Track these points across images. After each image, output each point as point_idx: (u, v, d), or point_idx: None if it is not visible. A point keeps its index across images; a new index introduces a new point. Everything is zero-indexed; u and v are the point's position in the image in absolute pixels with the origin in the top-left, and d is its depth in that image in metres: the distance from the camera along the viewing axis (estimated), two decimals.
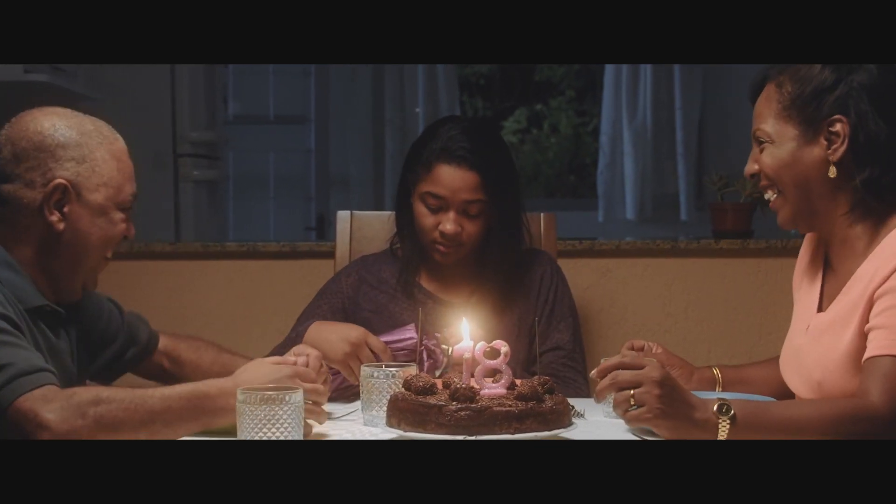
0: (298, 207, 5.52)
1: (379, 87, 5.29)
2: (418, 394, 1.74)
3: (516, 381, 1.78)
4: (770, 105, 1.86)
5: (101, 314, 2.06)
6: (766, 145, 1.87)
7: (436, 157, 2.33)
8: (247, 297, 3.21)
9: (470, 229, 2.36)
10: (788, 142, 1.84)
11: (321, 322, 2.32)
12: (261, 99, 5.50)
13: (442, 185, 2.32)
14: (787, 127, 1.84)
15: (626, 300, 3.19)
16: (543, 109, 6.13)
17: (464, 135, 2.34)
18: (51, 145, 1.84)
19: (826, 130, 1.81)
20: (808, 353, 1.88)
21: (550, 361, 2.39)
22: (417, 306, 2.33)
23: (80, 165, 1.85)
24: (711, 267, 3.19)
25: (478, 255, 2.42)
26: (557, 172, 6.18)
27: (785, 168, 1.85)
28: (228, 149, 5.01)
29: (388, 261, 2.51)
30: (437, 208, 2.34)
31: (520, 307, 2.43)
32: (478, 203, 2.34)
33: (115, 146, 1.90)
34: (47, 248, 1.86)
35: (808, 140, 1.83)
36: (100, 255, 1.91)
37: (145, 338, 2.13)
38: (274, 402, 1.65)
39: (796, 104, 1.83)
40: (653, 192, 5.30)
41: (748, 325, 3.17)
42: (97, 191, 1.86)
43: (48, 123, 1.85)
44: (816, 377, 1.84)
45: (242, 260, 3.23)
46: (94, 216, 1.87)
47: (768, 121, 1.86)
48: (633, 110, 5.28)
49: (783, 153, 1.85)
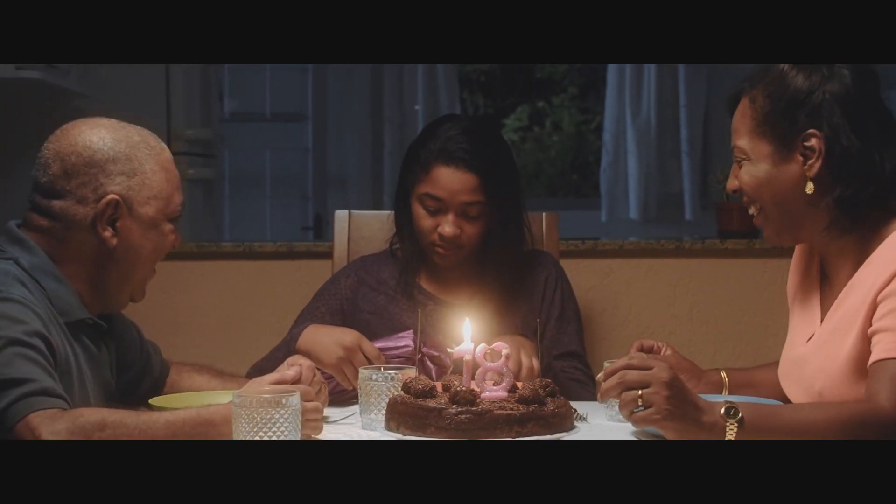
0: (295, 207, 5.51)
1: (377, 85, 5.28)
2: (418, 397, 1.74)
3: (517, 384, 1.78)
4: (745, 121, 1.85)
5: (125, 336, 2.08)
6: (743, 162, 1.86)
7: (434, 158, 2.32)
8: (243, 298, 3.21)
9: (469, 231, 2.35)
10: (764, 159, 1.83)
11: (316, 325, 2.31)
12: (257, 96, 5.49)
13: (440, 186, 2.32)
14: (762, 144, 1.83)
15: (629, 302, 3.18)
16: (545, 107, 6.13)
17: (463, 135, 2.33)
18: (101, 160, 1.84)
19: (801, 146, 1.80)
20: (809, 363, 1.87)
21: (565, 368, 2.39)
22: (418, 308, 2.33)
23: (130, 179, 1.86)
24: (717, 267, 3.19)
25: (479, 255, 2.42)
26: (559, 171, 6.17)
27: (763, 186, 1.84)
28: (224, 147, 5.01)
29: (387, 261, 2.51)
30: (436, 210, 2.34)
31: (523, 309, 2.43)
32: (477, 205, 2.33)
33: (162, 156, 1.91)
34: (99, 263, 1.88)
35: (783, 157, 1.82)
36: (150, 266, 1.94)
37: (158, 370, 2.14)
38: (270, 405, 1.65)
39: (769, 120, 1.82)
40: (657, 191, 5.29)
41: (754, 326, 3.16)
42: (148, 204, 1.88)
43: (96, 137, 1.86)
44: (818, 386, 1.84)
45: (238, 260, 3.23)
46: (145, 230, 1.89)
47: (743, 138, 1.85)
48: (637, 108, 5.27)
49: (760, 171, 1.84)
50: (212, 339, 3.18)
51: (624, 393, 1.70)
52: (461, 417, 1.67)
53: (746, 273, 3.18)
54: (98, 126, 1.88)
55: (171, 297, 3.19)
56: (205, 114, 4.32)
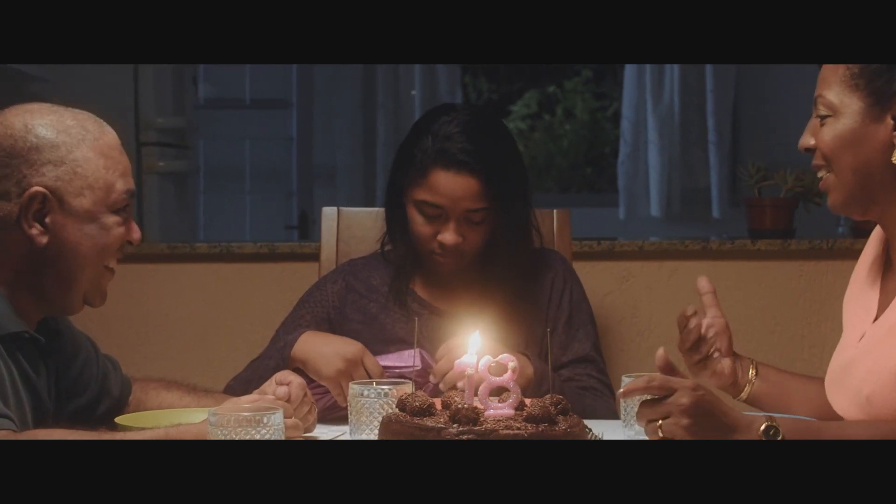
0: (278, 203, 5.52)
1: (370, 67, 5.29)
2: (414, 415, 1.74)
3: (525, 401, 1.77)
4: (838, 69, 1.82)
5: (79, 353, 2.05)
6: (827, 119, 1.83)
7: (432, 161, 2.30)
8: (219, 305, 3.21)
9: (473, 238, 2.35)
10: (852, 116, 1.80)
11: (314, 332, 2.32)
12: (236, 80, 5.50)
13: (440, 193, 2.31)
14: (853, 98, 1.80)
15: (650, 309, 3.18)
16: (557, 92, 6.14)
17: (462, 133, 2.31)
18: (23, 149, 1.81)
19: (895, 108, 1.79)
20: (859, 365, 1.86)
21: (574, 375, 2.39)
22: (412, 317, 2.33)
23: (58, 168, 1.83)
24: (748, 271, 3.19)
25: (481, 260, 2.41)
26: (572, 164, 6.18)
27: (845, 148, 1.81)
28: (199, 136, 5.01)
29: (378, 265, 2.51)
30: (435, 217, 2.33)
31: (529, 316, 2.43)
32: (481, 211, 2.32)
33: (101, 141, 1.88)
34: (33, 264, 1.85)
35: (874, 117, 1.79)
36: (97, 265, 1.90)
37: (118, 390, 2.12)
38: (250, 424, 1.65)
39: (866, 72, 1.79)
40: (681, 186, 5.30)
41: (789, 336, 3.16)
42: (82, 195, 1.85)
43: (20, 124, 1.83)
44: (866, 392, 1.83)
45: (214, 263, 3.23)
46: (81, 224, 1.85)
47: (833, 88, 1.82)
48: (659, 93, 5.28)
49: (845, 129, 1.81)
50: (184, 351, 3.18)
51: (646, 424, 1.72)
52: (463, 438, 1.67)
53: (781, 277, 3.18)
54: (24, 112, 1.85)
55: (140, 304, 3.19)
56: (177, 100, 4.33)
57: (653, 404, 1.72)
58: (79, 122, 1.87)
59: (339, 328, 2.43)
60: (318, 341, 2.26)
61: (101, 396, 2.08)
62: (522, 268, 2.43)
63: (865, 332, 1.89)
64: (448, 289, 2.45)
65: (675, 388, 1.71)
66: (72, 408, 2.02)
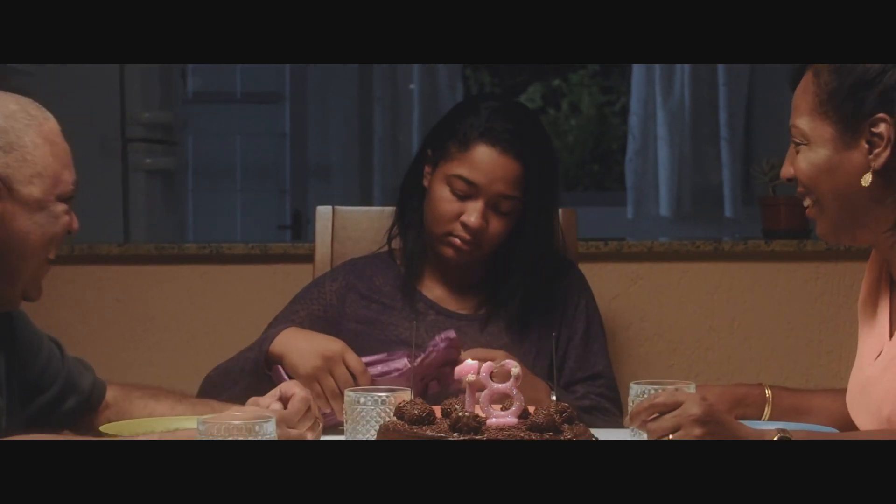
0: (270, 202, 5.53)
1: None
2: (413, 423, 1.74)
3: (529, 409, 1.78)
4: (806, 98, 1.86)
5: (40, 352, 2.04)
6: (800, 147, 1.87)
7: (478, 135, 2.32)
8: (209, 309, 3.21)
9: (495, 228, 2.35)
10: (825, 144, 1.83)
11: (297, 329, 2.31)
12: (226, 73, 5.51)
13: (479, 169, 2.32)
14: (824, 126, 1.83)
15: (660, 312, 3.19)
16: (562, 86, 6.14)
17: (512, 118, 2.35)
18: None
19: (868, 132, 1.80)
20: (877, 385, 1.87)
21: (588, 393, 2.40)
22: (416, 318, 2.33)
23: (7, 155, 1.82)
24: (762, 272, 3.19)
25: (494, 260, 2.41)
26: (578, 161, 6.18)
27: (821, 175, 1.84)
28: (187, 132, 5.02)
29: (381, 265, 2.51)
30: (465, 195, 2.33)
31: (541, 323, 2.43)
32: (512, 200, 2.34)
33: (45, 127, 1.87)
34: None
35: (846, 143, 1.82)
36: (42, 256, 1.89)
37: (88, 387, 2.10)
38: (241, 434, 1.65)
39: (833, 99, 1.82)
40: (691, 184, 5.31)
41: (805, 341, 3.16)
42: (32, 183, 1.84)
43: None
44: (886, 412, 1.83)
45: (204, 265, 3.23)
46: (31, 213, 1.85)
47: (803, 116, 1.86)
48: (669, 86, 5.28)
49: (819, 158, 1.84)
50: (172, 357, 3.18)
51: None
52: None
53: (796, 279, 3.18)
54: None
55: (126, 308, 3.19)
56: (165, 94, 4.33)
57: (659, 419, 1.73)
58: (21, 106, 1.87)
59: (337, 328, 2.42)
60: (299, 337, 2.26)
61: (67, 392, 2.07)
62: (539, 274, 2.43)
63: (882, 350, 1.90)
64: (456, 289, 2.46)
65: (682, 401, 1.72)
66: (37, 404, 2.03)
